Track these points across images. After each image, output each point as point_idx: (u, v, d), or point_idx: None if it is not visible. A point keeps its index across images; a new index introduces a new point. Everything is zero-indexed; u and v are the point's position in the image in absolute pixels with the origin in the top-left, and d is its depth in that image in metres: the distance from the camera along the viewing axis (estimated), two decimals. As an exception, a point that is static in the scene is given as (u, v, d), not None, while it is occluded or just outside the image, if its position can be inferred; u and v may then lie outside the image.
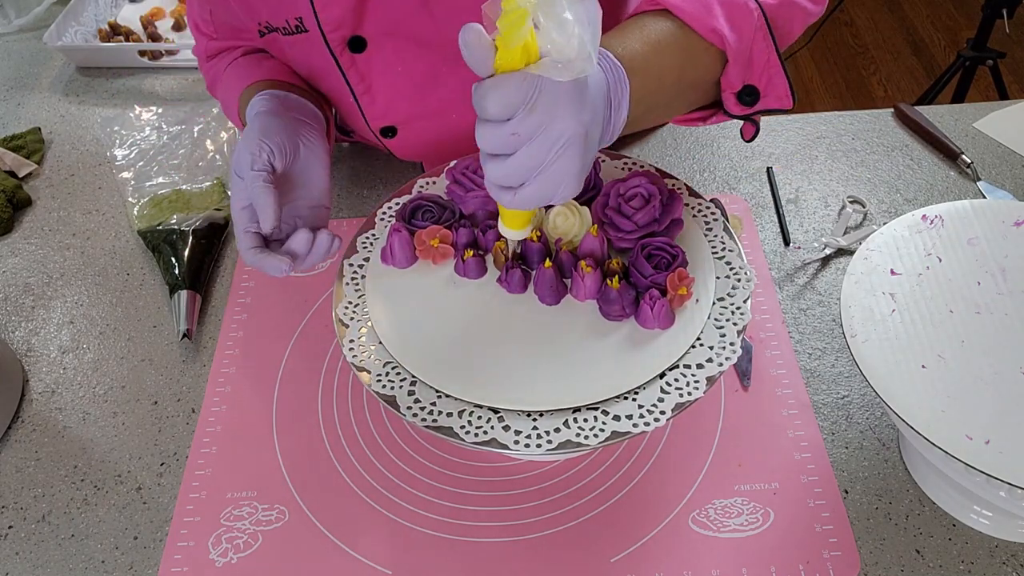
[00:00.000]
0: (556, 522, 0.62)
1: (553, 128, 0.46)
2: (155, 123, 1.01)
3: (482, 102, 0.46)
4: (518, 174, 0.48)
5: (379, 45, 0.69)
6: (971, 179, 0.86)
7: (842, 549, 0.59)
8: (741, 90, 0.60)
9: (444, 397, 0.55)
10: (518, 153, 0.47)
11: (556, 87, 0.46)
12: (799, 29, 0.63)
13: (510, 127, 0.46)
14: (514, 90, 0.45)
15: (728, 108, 0.62)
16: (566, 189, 0.49)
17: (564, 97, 0.46)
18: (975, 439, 0.50)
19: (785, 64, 0.60)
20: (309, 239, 0.61)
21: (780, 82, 0.60)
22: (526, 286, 0.61)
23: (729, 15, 0.57)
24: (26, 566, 0.63)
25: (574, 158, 0.48)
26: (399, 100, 0.74)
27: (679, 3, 0.57)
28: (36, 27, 1.23)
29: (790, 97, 0.60)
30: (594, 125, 0.49)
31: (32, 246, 0.88)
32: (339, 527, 0.63)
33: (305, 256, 0.61)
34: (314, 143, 0.66)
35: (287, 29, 0.69)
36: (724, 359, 0.55)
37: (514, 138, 0.47)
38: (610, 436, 0.52)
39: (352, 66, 0.70)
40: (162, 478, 0.67)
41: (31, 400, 0.74)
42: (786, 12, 0.61)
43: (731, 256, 0.62)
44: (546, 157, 0.47)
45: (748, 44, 0.58)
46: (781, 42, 0.60)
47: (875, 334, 0.56)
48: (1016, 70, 2.44)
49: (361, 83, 0.72)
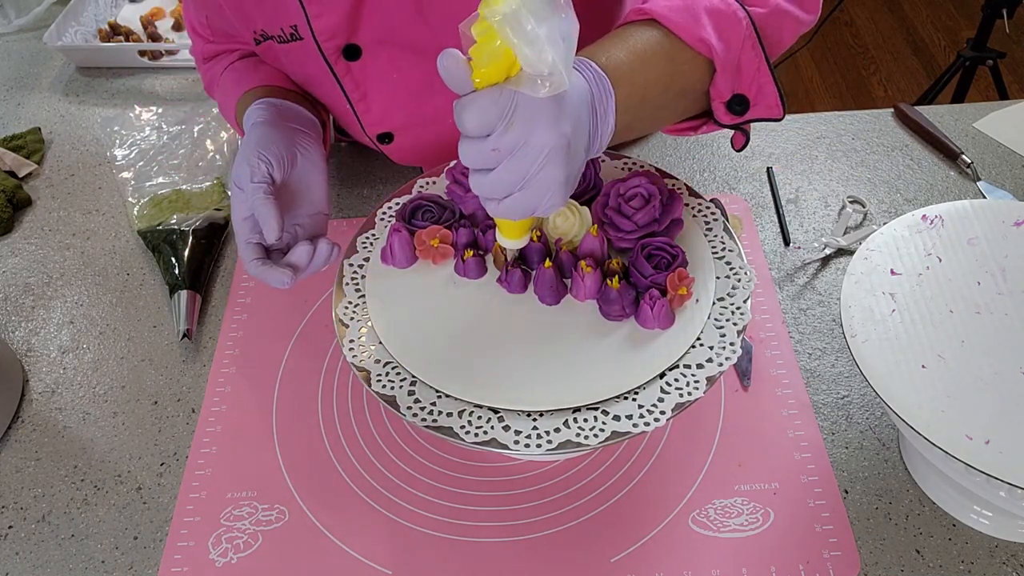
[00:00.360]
0: (556, 522, 0.62)
1: (532, 142, 0.47)
2: (155, 123, 1.01)
3: (460, 118, 0.46)
4: (501, 187, 0.49)
5: (374, 53, 0.69)
6: (971, 179, 0.86)
7: (842, 549, 0.59)
8: (730, 99, 0.60)
9: (444, 397, 0.55)
10: (499, 167, 0.48)
11: (533, 101, 0.46)
12: (790, 38, 0.63)
13: (489, 143, 0.47)
14: (490, 106, 0.45)
15: (718, 117, 0.61)
16: (552, 199, 0.49)
17: (541, 111, 0.46)
18: (975, 439, 0.50)
19: (775, 73, 0.59)
20: (309, 251, 0.61)
21: (770, 91, 0.59)
22: (526, 286, 0.61)
23: (717, 24, 0.57)
24: (26, 566, 0.63)
25: (556, 169, 0.48)
26: (395, 107, 0.74)
27: (666, 12, 0.57)
28: (36, 27, 1.23)
29: (780, 107, 0.60)
30: (577, 135, 0.49)
31: (32, 246, 0.88)
32: (339, 527, 0.63)
33: (306, 267, 0.62)
34: (311, 151, 0.66)
35: (282, 37, 0.69)
36: (724, 359, 0.55)
37: (494, 153, 0.47)
38: (610, 436, 0.52)
39: (347, 74, 0.71)
40: (162, 478, 0.67)
41: (31, 400, 0.74)
42: (776, 21, 0.60)
43: (731, 256, 0.62)
44: (528, 170, 0.47)
45: (736, 53, 0.58)
46: (771, 51, 0.59)
47: (875, 334, 0.56)
48: (1016, 70, 2.44)
49: (356, 90, 0.72)
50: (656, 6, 0.58)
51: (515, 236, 0.57)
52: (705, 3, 0.57)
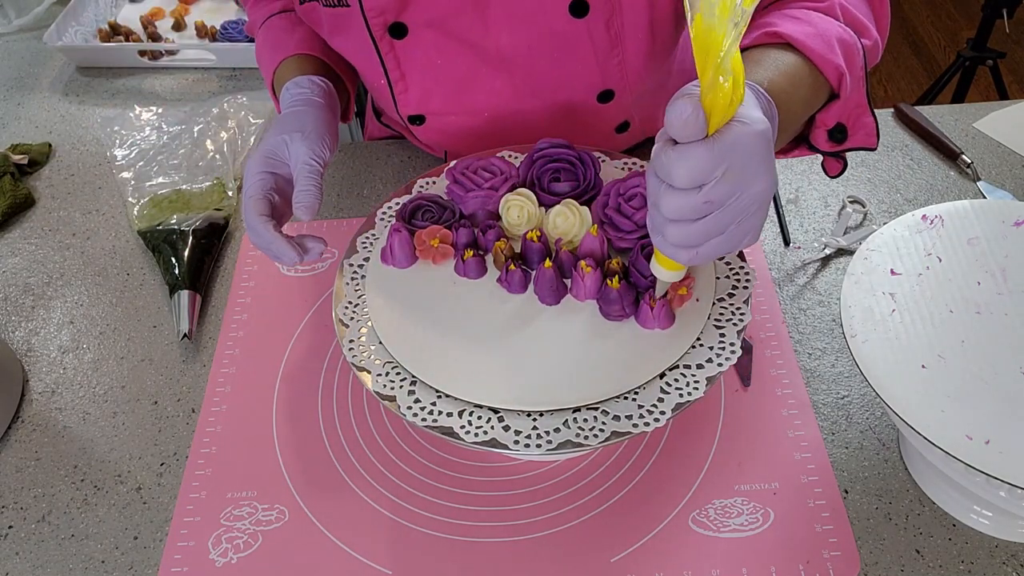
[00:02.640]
0: (556, 522, 0.62)
1: (747, 193, 0.44)
2: (155, 123, 1.01)
3: (671, 172, 0.43)
4: (704, 237, 0.45)
5: (420, 35, 0.69)
6: (971, 179, 0.86)
7: (842, 549, 0.59)
8: (833, 127, 0.60)
9: (444, 397, 0.55)
10: (707, 219, 0.44)
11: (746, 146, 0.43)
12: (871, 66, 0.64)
13: (703, 196, 0.43)
14: (706, 156, 0.42)
15: (817, 144, 0.61)
16: (749, 240, 0.46)
17: (755, 155, 0.43)
18: (975, 439, 0.50)
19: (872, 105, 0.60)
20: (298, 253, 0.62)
21: (868, 121, 0.60)
22: (526, 286, 0.61)
23: (845, 53, 0.57)
24: (26, 566, 0.63)
25: (763, 214, 0.46)
26: (433, 93, 0.74)
27: (803, 39, 0.56)
28: (36, 27, 1.23)
29: (875, 136, 0.60)
30: None
31: (32, 246, 0.88)
32: (339, 527, 0.63)
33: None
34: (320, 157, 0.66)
35: (328, 1, 0.68)
36: (724, 359, 0.55)
37: (706, 206, 0.44)
38: (610, 436, 0.52)
39: (390, 51, 0.70)
40: (162, 478, 0.67)
41: (31, 400, 0.74)
42: (874, 52, 0.62)
43: (731, 256, 0.62)
44: (737, 219, 0.45)
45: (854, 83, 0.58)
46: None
47: (875, 334, 0.56)
48: (1016, 70, 2.44)
49: (397, 69, 0.72)
50: (789, 30, 0.57)
51: (678, 268, 0.52)
52: (835, 32, 0.58)
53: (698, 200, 0.43)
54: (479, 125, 0.77)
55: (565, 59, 0.71)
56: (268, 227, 0.61)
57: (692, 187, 0.43)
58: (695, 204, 0.44)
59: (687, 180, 0.43)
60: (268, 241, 0.61)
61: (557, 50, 0.70)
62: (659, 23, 0.71)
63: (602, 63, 0.71)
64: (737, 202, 0.44)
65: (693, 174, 0.42)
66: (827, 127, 0.60)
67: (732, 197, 0.44)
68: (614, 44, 0.70)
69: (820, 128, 0.60)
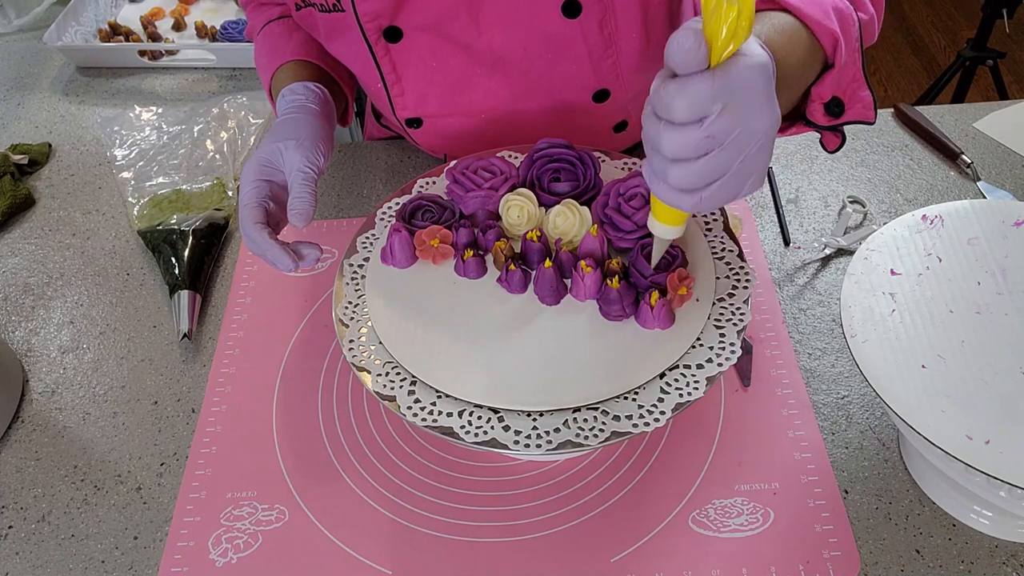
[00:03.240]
0: (556, 522, 0.62)
1: (748, 128, 0.43)
2: (155, 123, 1.01)
3: (669, 105, 0.42)
4: (706, 177, 0.44)
5: (415, 39, 0.69)
6: (971, 179, 0.86)
7: (842, 549, 0.59)
8: (830, 101, 0.59)
9: (444, 397, 0.55)
10: (709, 156, 0.43)
11: (747, 80, 0.42)
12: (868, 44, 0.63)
13: (704, 130, 0.42)
14: (705, 88, 0.41)
15: (813, 118, 0.60)
16: (754, 184, 0.45)
17: (757, 90, 0.42)
18: (975, 439, 0.50)
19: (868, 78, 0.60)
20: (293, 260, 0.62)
21: (864, 94, 0.59)
22: (526, 286, 0.61)
23: (840, 23, 0.57)
24: (26, 566, 0.63)
25: (767, 154, 0.45)
26: (429, 95, 0.74)
27: (798, 4, 0.56)
28: (36, 27, 1.23)
29: (873, 110, 0.60)
30: None
31: (32, 246, 0.88)
32: (339, 527, 0.63)
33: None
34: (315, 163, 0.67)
35: (324, 6, 0.69)
36: (724, 359, 0.55)
37: (707, 140, 0.42)
38: (610, 436, 0.52)
39: (385, 55, 0.71)
40: (162, 478, 0.67)
41: (31, 400, 0.74)
42: (870, 28, 0.61)
43: (731, 256, 0.62)
44: (739, 157, 0.44)
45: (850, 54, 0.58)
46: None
47: (875, 334, 0.56)
48: (1016, 70, 2.44)
49: (392, 73, 0.73)
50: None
51: (676, 222, 0.50)
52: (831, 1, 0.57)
53: (700, 134, 0.42)
54: (476, 127, 0.77)
55: (559, 60, 0.71)
56: (264, 234, 0.61)
57: (693, 120, 0.42)
58: (697, 139, 0.42)
59: (688, 113, 0.42)
60: (264, 248, 0.61)
61: (551, 51, 0.70)
62: (653, 23, 0.71)
63: (596, 63, 0.72)
64: (739, 138, 0.43)
65: (695, 106, 0.41)
66: (823, 100, 0.60)
67: (734, 132, 0.42)
68: (608, 44, 0.70)
69: (816, 102, 0.60)
